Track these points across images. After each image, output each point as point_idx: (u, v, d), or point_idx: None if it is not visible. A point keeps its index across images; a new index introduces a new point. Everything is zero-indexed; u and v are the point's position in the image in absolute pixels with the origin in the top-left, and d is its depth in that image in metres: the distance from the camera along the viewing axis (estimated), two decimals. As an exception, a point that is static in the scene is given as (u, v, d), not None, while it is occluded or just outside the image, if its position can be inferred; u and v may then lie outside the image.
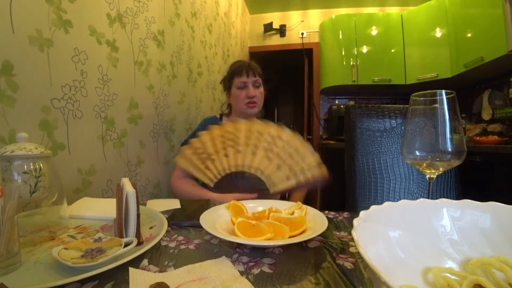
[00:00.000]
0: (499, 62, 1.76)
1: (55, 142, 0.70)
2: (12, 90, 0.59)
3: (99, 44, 0.85)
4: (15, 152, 0.44)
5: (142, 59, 1.07)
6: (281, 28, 3.25)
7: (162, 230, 0.45)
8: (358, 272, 0.35)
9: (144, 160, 1.09)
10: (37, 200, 0.46)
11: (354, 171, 0.89)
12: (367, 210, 0.29)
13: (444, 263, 0.29)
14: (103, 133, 0.87)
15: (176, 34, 1.38)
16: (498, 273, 0.26)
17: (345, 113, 0.95)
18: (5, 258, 0.34)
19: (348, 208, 0.90)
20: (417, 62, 2.57)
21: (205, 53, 1.83)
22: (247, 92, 1.08)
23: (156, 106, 1.19)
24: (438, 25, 2.37)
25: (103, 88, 0.87)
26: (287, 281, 0.32)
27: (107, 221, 0.55)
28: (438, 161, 0.44)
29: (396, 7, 3.05)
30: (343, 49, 2.75)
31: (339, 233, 0.48)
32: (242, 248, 0.42)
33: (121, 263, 0.34)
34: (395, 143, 0.89)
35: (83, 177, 0.79)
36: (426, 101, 0.45)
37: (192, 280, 0.32)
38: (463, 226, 0.31)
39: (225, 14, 2.31)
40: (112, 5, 0.90)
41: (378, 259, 0.24)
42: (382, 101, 3.06)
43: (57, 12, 0.70)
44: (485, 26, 1.83)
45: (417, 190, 0.87)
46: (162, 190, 1.23)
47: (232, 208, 0.53)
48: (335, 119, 2.70)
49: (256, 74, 1.10)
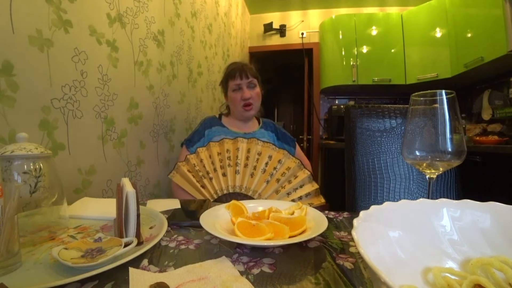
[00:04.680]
0: (499, 62, 1.76)
1: (55, 142, 0.70)
2: (12, 90, 0.59)
3: (99, 44, 0.85)
4: (15, 152, 0.44)
5: (142, 59, 1.07)
6: (281, 28, 3.25)
7: (162, 230, 0.45)
8: (358, 272, 0.35)
9: (144, 160, 1.09)
10: (37, 200, 0.46)
11: (354, 171, 0.89)
12: (367, 210, 0.29)
13: (444, 263, 0.29)
14: (103, 133, 0.87)
15: (176, 34, 1.38)
16: (498, 273, 0.26)
17: (345, 113, 0.95)
18: (5, 258, 0.34)
19: (348, 208, 0.90)
20: (417, 62, 2.57)
21: (205, 53, 1.83)
22: (242, 94, 1.09)
23: (156, 106, 1.19)
24: (438, 25, 2.37)
25: (103, 88, 0.87)
26: (287, 281, 0.32)
27: (107, 221, 0.55)
28: (438, 161, 0.44)
29: (396, 7, 3.05)
30: (343, 49, 2.75)
31: (339, 233, 0.48)
32: (242, 248, 0.42)
33: (121, 263, 0.34)
34: (395, 143, 0.89)
35: (83, 177, 0.79)
36: (426, 101, 0.45)
37: (192, 280, 0.32)
38: (463, 226, 0.31)
39: (225, 14, 2.31)
40: (112, 5, 0.90)
41: (378, 259, 0.24)
42: (382, 101, 3.06)
43: (57, 12, 0.70)
44: (485, 26, 1.83)
45: (417, 190, 0.87)
46: (162, 190, 1.23)
47: (232, 208, 0.53)
48: (335, 119, 2.70)
49: (250, 75, 1.10)
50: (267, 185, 0.85)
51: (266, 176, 0.86)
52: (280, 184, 0.85)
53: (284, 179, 0.85)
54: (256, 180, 0.86)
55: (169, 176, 0.92)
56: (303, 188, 0.85)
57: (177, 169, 0.91)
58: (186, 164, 0.91)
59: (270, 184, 0.85)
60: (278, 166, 0.86)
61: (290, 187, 0.84)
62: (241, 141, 0.92)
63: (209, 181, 0.88)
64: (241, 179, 0.87)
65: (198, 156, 0.92)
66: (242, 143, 0.91)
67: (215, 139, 1.07)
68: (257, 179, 0.86)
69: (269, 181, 0.85)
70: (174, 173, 0.91)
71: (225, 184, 0.87)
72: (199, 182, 0.88)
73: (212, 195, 0.87)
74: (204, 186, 0.88)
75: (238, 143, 0.91)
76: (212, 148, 0.92)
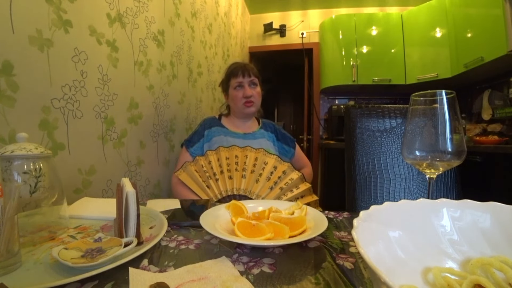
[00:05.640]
0: (499, 62, 1.76)
1: (55, 142, 0.70)
2: (12, 90, 0.59)
3: (99, 44, 0.85)
4: (15, 152, 0.44)
5: (142, 59, 1.07)
6: (281, 28, 3.25)
7: (162, 230, 0.45)
8: (358, 272, 0.35)
9: (144, 160, 1.09)
10: (37, 200, 0.46)
11: (354, 171, 0.89)
12: (367, 210, 0.29)
13: (444, 263, 0.29)
14: (103, 133, 0.87)
15: (176, 34, 1.38)
16: (498, 273, 0.26)
17: (345, 113, 0.95)
18: (5, 258, 0.34)
19: (348, 208, 0.90)
20: (417, 62, 2.57)
21: (205, 53, 1.83)
22: (244, 92, 1.09)
23: (156, 106, 1.19)
24: (438, 25, 2.37)
25: (103, 88, 0.87)
26: (287, 281, 0.32)
27: (107, 221, 0.55)
28: (438, 161, 0.44)
29: (396, 7, 3.05)
30: (343, 49, 2.75)
31: (339, 233, 0.48)
32: (242, 248, 0.42)
33: (121, 263, 0.34)
34: (395, 143, 0.89)
35: (83, 177, 0.79)
36: (426, 101, 0.45)
37: (192, 280, 0.32)
38: (463, 226, 0.31)
39: (225, 14, 2.31)
40: (112, 5, 0.90)
41: (378, 259, 0.24)
42: (382, 101, 3.06)
43: (57, 12, 0.70)
44: (485, 26, 1.83)
45: (417, 190, 0.87)
46: (162, 190, 1.23)
47: (232, 208, 0.53)
48: (335, 119, 2.70)
49: (252, 74, 1.11)
50: (271, 191, 0.89)
51: (270, 183, 0.90)
52: (282, 192, 0.89)
53: (286, 188, 0.89)
54: (260, 185, 0.90)
55: (176, 174, 0.95)
56: (303, 198, 0.92)
57: (185, 168, 0.94)
58: (194, 164, 0.94)
59: (274, 192, 0.89)
60: (282, 176, 0.91)
61: (292, 196, 0.89)
62: (250, 150, 0.97)
63: (215, 182, 0.91)
64: (246, 183, 0.91)
65: (207, 158, 0.95)
66: (251, 152, 0.96)
67: (214, 140, 1.07)
68: (261, 184, 0.90)
69: (273, 188, 0.89)
70: (181, 171, 0.94)
71: (230, 186, 0.90)
72: (205, 182, 0.91)
73: (217, 195, 0.89)
74: (209, 186, 0.91)
75: (247, 151, 0.96)
76: (221, 153, 0.96)
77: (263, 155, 0.94)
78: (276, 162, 0.93)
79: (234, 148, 0.97)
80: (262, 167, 0.92)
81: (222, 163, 0.94)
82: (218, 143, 1.05)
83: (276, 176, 0.91)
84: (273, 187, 0.89)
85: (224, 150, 0.97)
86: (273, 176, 0.91)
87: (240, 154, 0.96)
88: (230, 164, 0.94)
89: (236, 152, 0.96)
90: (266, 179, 0.90)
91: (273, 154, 0.96)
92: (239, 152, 0.96)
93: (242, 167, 0.93)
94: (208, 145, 1.08)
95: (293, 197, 0.88)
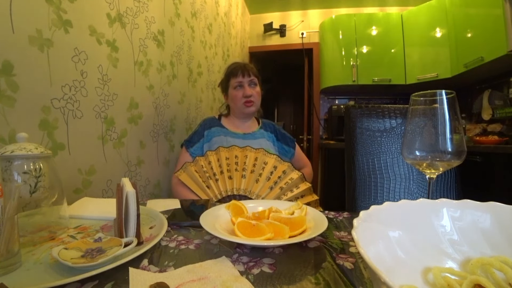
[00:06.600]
0: (499, 62, 1.76)
1: (55, 142, 0.70)
2: (12, 90, 0.59)
3: (99, 44, 0.85)
4: (15, 152, 0.44)
5: (142, 59, 1.07)
6: (281, 28, 3.25)
7: (162, 230, 0.45)
8: (358, 272, 0.35)
9: (144, 160, 1.09)
10: (37, 200, 0.46)
11: (354, 171, 0.89)
12: (367, 210, 0.29)
13: (444, 263, 0.29)
14: (103, 133, 0.87)
15: (176, 34, 1.38)
16: (498, 273, 0.26)
17: (345, 113, 0.95)
18: (5, 258, 0.34)
19: (348, 208, 0.90)
20: (417, 62, 2.57)
21: (205, 53, 1.83)
22: (244, 91, 1.10)
23: (156, 106, 1.19)
24: (438, 25, 2.37)
25: (103, 88, 0.87)
26: (287, 281, 0.32)
27: (107, 221, 0.55)
28: (438, 161, 0.44)
29: (396, 7, 3.05)
30: (343, 49, 2.75)
31: (339, 233, 0.48)
32: (242, 248, 0.42)
33: (121, 263, 0.34)
34: (395, 143, 0.89)
35: (83, 177, 0.79)
36: (426, 101, 0.45)
37: (192, 280, 0.32)
38: (463, 226, 0.31)
39: (225, 14, 2.31)
40: (112, 5, 0.90)
41: (378, 259, 0.24)
42: (382, 101, 3.06)
43: (57, 12, 0.70)
44: (485, 26, 1.83)
45: (417, 190, 0.87)
46: (162, 190, 1.23)
47: (232, 208, 0.53)
48: (335, 119, 2.70)
49: (252, 73, 1.11)
50: (271, 191, 0.89)
51: (270, 183, 0.90)
52: (282, 191, 0.89)
53: (286, 187, 0.89)
54: (260, 185, 0.90)
55: (176, 175, 0.95)
56: (303, 198, 0.92)
57: (185, 169, 0.94)
58: (194, 165, 0.94)
59: (274, 191, 0.89)
60: (282, 176, 0.91)
61: (292, 195, 0.89)
62: (250, 150, 0.97)
63: (215, 182, 0.91)
64: (246, 183, 0.91)
65: (207, 158, 0.96)
66: (250, 152, 0.96)
67: (214, 140, 1.07)
68: (261, 184, 0.90)
69: (273, 187, 0.89)
70: (181, 172, 0.94)
71: (230, 186, 0.91)
72: (205, 182, 0.91)
73: (217, 195, 0.90)
74: (209, 187, 0.91)
75: (247, 152, 0.96)
76: (221, 153, 0.96)
77: (263, 155, 0.95)
78: (276, 162, 0.93)
79: (234, 148, 0.97)
80: (262, 167, 0.93)
81: (222, 163, 0.94)
82: (218, 143, 1.05)
83: (276, 176, 0.91)
84: (273, 187, 0.89)
85: (224, 150, 0.97)
86: (273, 176, 0.91)
87: (240, 154, 0.96)
88: (230, 164, 0.94)
89: (236, 152, 0.96)
90: (266, 179, 0.90)
91: (273, 154, 0.96)
92: (239, 152, 0.96)
93: (242, 167, 0.93)
94: (208, 145, 1.08)
95: (293, 197, 0.88)
